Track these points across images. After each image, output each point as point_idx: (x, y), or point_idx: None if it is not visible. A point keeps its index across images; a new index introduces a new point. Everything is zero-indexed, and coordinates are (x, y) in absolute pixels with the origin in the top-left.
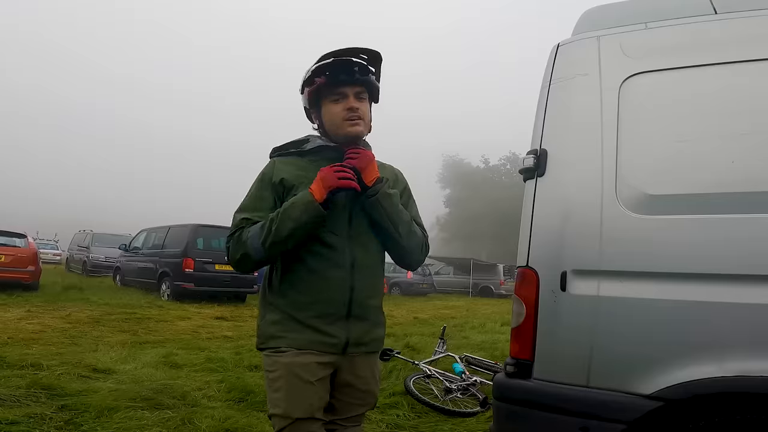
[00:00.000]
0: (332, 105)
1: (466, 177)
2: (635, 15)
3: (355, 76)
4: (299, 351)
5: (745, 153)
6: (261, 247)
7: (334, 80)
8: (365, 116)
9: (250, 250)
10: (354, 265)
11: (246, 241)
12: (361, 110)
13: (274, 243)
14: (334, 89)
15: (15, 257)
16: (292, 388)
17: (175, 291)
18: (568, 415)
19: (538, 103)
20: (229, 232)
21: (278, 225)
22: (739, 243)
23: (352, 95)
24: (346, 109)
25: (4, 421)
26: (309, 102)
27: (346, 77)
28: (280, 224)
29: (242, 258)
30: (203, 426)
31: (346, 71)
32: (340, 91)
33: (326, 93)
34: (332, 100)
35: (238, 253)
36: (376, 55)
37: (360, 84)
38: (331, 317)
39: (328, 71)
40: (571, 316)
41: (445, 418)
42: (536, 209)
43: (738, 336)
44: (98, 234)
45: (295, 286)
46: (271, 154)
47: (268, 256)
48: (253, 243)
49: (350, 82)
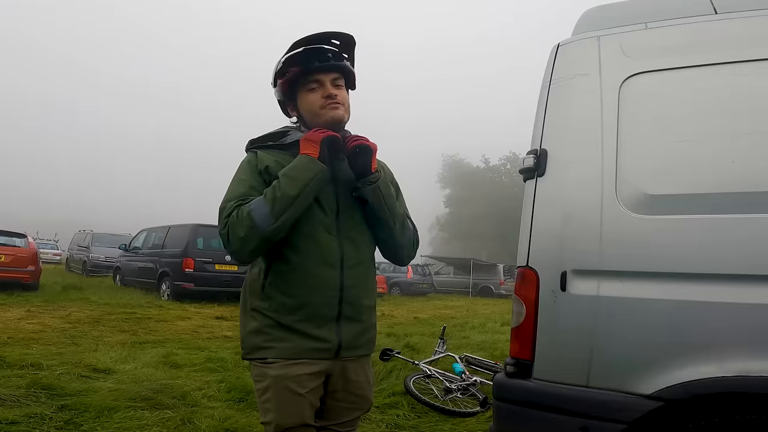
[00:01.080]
0: (309, 94)
1: (467, 177)
2: (635, 15)
3: (330, 62)
4: (288, 362)
5: (745, 153)
6: (269, 213)
7: (307, 68)
8: (345, 102)
9: (257, 219)
10: (343, 262)
11: (250, 212)
12: (340, 96)
13: (283, 207)
14: (309, 78)
15: (15, 257)
16: (282, 400)
17: (175, 291)
18: (568, 415)
19: (538, 103)
20: (222, 217)
21: (283, 188)
22: (739, 243)
23: (328, 82)
24: (323, 96)
25: (3, 420)
26: (283, 94)
27: (320, 64)
28: (285, 187)
29: (248, 233)
30: (203, 426)
31: (319, 58)
32: (315, 79)
33: (301, 83)
34: (308, 90)
35: (242, 228)
36: (348, 39)
37: (336, 70)
38: (321, 319)
39: (300, 60)
40: (571, 316)
41: (445, 418)
42: (536, 209)
43: (738, 336)
44: (98, 234)
45: (279, 288)
46: (247, 147)
47: (277, 227)
48: (259, 211)
49: (325, 69)
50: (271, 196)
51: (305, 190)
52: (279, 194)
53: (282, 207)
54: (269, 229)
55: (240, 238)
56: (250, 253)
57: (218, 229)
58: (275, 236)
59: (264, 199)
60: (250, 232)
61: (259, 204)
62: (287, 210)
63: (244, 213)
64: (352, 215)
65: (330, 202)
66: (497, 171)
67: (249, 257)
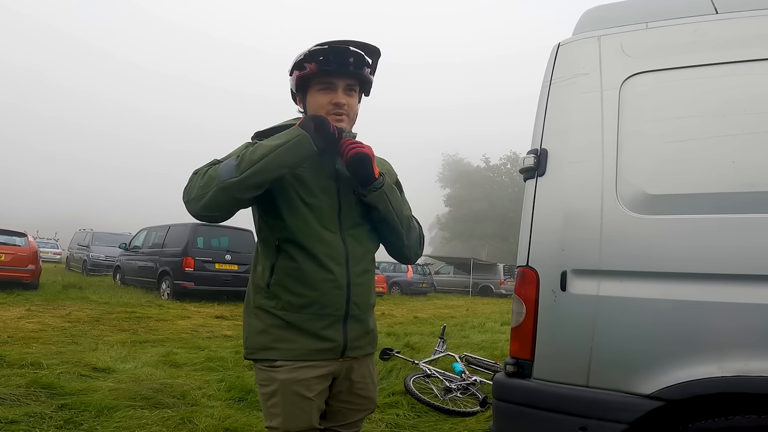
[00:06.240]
0: (319, 95)
1: (467, 176)
2: (636, 14)
3: (348, 68)
4: (295, 365)
5: (745, 153)
6: (235, 167)
7: (324, 69)
8: (351, 111)
9: (221, 170)
10: (348, 260)
11: (217, 167)
12: (348, 105)
13: (251, 161)
14: (323, 78)
15: (15, 256)
16: (289, 405)
17: (175, 290)
18: (567, 414)
19: (539, 102)
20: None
21: (257, 146)
22: (739, 243)
23: (341, 88)
24: (332, 102)
25: (3, 420)
26: (296, 86)
27: (337, 68)
28: (258, 146)
29: (208, 182)
30: (203, 425)
31: (338, 61)
32: (329, 81)
33: (315, 80)
34: (319, 90)
35: (204, 179)
36: (374, 51)
37: (352, 77)
38: (329, 318)
39: (321, 57)
40: (571, 315)
41: (444, 417)
42: (536, 209)
43: (738, 336)
44: (98, 233)
45: (285, 286)
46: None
47: (239, 180)
48: (226, 164)
49: (342, 73)
50: (243, 152)
51: (278, 149)
52: (250, 150)
53: (250, 162)
54: (229, 180)
55: (199, 187)
56: (204, 205)
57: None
58: (236, 192)
59: (235, 156)
60: (210, 181)
61: (228, 159)
62: (254, 165)
63: (213, 168)
64: (354, 212)
65: (332, 198)
66: (497, 170)
67: (202, 210)
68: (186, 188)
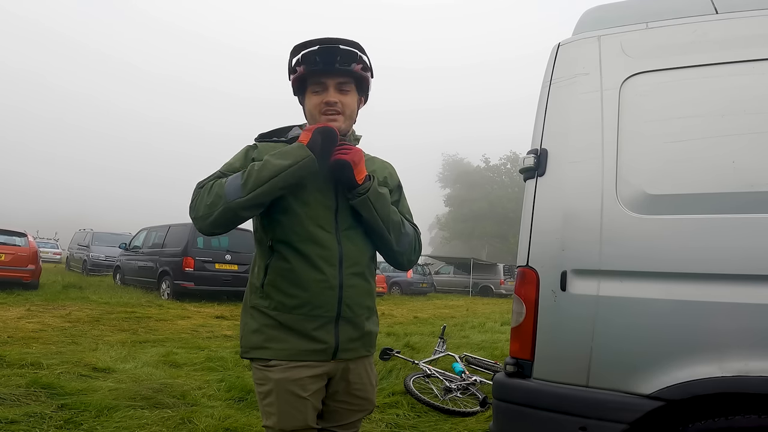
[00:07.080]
0: (313, 96)
1: (467, 176)
2: (636, 14)
3: (335, 66)
4: (289, 365)
5: (745, 153)
6: (241, 187)
7: (312, 69)
8: (346, 110)
9: (227, 189)
10: (342, 262)
11: (222, 184)
12: (342, 103)
13: (257, 183)
14: (316, 79)
15: (15, 256)
16: (284, 404)
17: (175, 290)
18: (567, 414)
19: (539, 102)
20: (197, 187)
21: (262, 166)
22: (739, 243)
23: (332, 87)
24: (323, 102)
25: (3, 420)
26: (294, 90)
27: (324, 66)
28: (264, 166)
29: (215, 201)
30: (202, 425)
31: (325, 60)
32: (320, 82)
33: (309, 82)
34: (313, 91)
35: (210, 196)
36: (356, 46)
37: (342, 74)
38: (320, 319)
39: (309, 59)
40: (571, 315)
41: (444, 417)
42: (536, 209)
43: (738, 336)
44: (98, 233)
45: (278, 286)
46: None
47: (245, 200)
48: (232, 183)
49: (329, 71)
50: (249, 172)
51: (284, 173)
52: (256, 170)
53: (255, 183)
54: (236, 201)
55: (206, 205)
56: (211, 222)
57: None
58: (241, 211)
59: (241, 174)
60: (217, 200)
61: (234, 177)
62: (260, 187)
63: (218, 183)
64: (351, 214)
65: (329, 200)
66: (497, 170)
67: (209, 227)
68: (192, 204)
